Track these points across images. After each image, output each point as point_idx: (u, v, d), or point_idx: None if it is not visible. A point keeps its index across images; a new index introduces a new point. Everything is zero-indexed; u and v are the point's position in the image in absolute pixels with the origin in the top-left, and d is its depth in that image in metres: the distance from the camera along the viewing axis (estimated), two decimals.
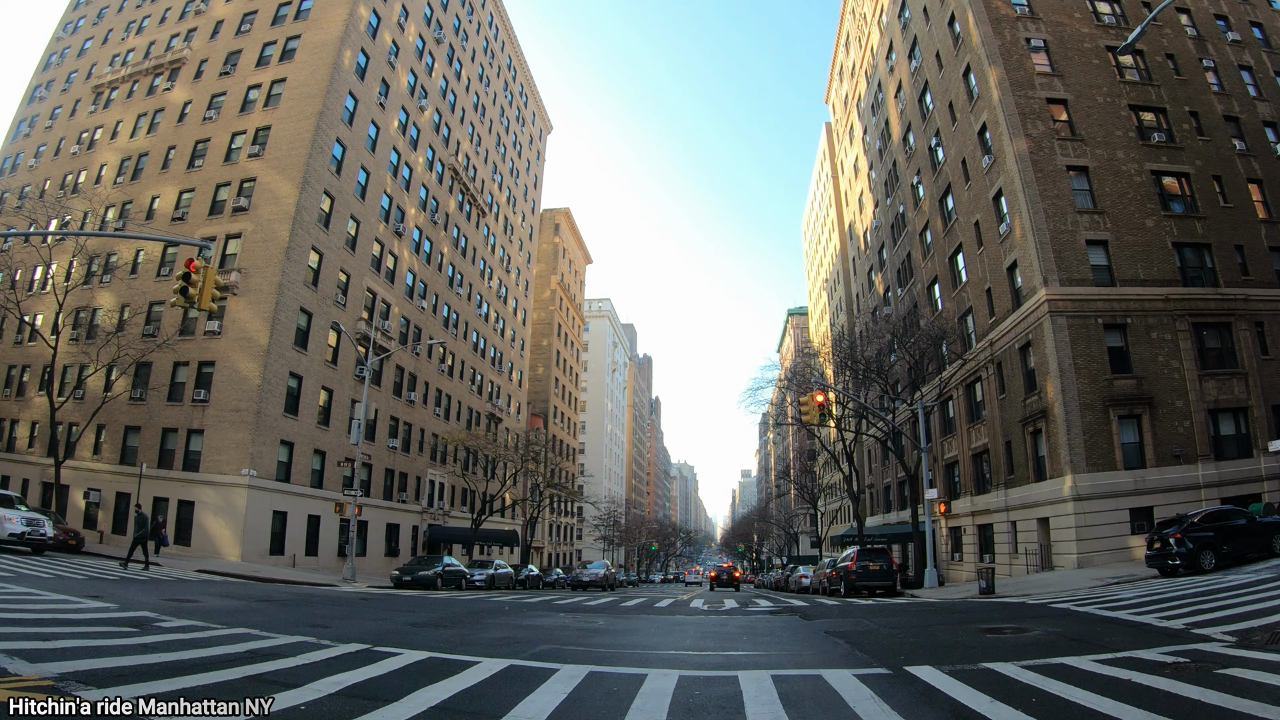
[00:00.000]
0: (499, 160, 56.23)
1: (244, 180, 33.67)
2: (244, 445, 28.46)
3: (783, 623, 11.09)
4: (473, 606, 14.61)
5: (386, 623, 10.58)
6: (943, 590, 20.43)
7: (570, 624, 10.71)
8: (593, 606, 15.30)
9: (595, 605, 15.74)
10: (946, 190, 33.95)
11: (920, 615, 12.12)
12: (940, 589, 20.71)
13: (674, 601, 18.31)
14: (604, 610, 14.22)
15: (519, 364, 59.61)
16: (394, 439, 37.71)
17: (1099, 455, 22.73)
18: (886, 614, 12.65)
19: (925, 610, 13.25)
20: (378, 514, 35.80)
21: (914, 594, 19.71)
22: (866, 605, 15.31)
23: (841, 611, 13.51)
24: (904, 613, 12.84)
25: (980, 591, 16.99)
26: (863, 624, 10.91)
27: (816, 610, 13.78)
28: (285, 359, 30.43)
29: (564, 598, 18.85)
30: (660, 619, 12.03)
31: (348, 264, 34.84)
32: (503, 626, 10.29)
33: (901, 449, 29.01)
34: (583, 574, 34.32)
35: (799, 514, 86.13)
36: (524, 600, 17.41)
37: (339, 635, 8.71)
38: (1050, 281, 24.54)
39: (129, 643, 6.90)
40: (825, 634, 9.28)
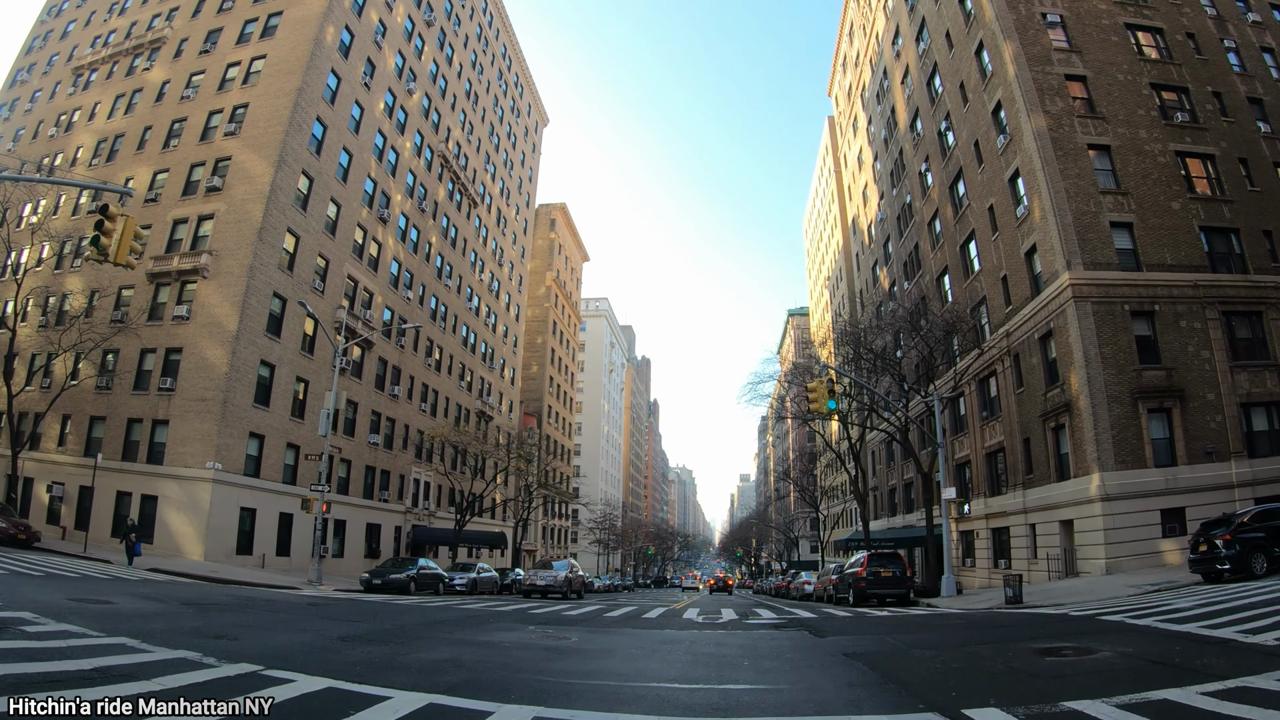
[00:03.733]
0: (492, 150, 54.55)
1: (219, 159, 32.05)
2: (210, 437, 26.68)
3: (790, 640, 9.28)
4: (432, 615, 12.81)
5: (311, 636, 8.79)
6: (962, 599, 18.59)
7: (536, 640, 8.91)
8: (572, 617, 13.48)
9: (576, 615, 13.91)
10: (957, 175, 32.27)
11: (951, 630, 10.32)
12: (959, 598, 18.90)
13: (666, 611, 16.37)
14: (584, 622, 12.41)
15: (512, 361, 57.82)
16: (375, 434, 35.89)
17: (1128, 452, 20.97)
18: (910, 628, 10.87)
19: (953, 624, 11.45)
20: (357, 513, 33.97)
21: (931, 603, 17.90)
22: (882, 617, 13.50)
23: (856, 625, 11.72)
24: (929, 627, 11.05)
25: (1007, 600, 15.19)
26: (886, 642, 9.13)
27: (828, 624, 11.96)
28: (256, 346, 28.65)
29: (544, 605, 17.03)
30: (646, 634, 10.18)
31: (327, 249, 33.09)
32: (452, 643, 8.50)
33: (913, 446, 27.18)
34: (536, 577, 24.34)
35: (799, 517, 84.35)
36: (498, 608, 15.61)
37: (234, 652, 6.93)
38: (1073, 265, 22.83)
39: None
40: (844, 656, 7.48)
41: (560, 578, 24.18)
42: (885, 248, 45.00)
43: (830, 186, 64.66)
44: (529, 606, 16.25)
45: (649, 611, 15.86)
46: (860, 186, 52.85)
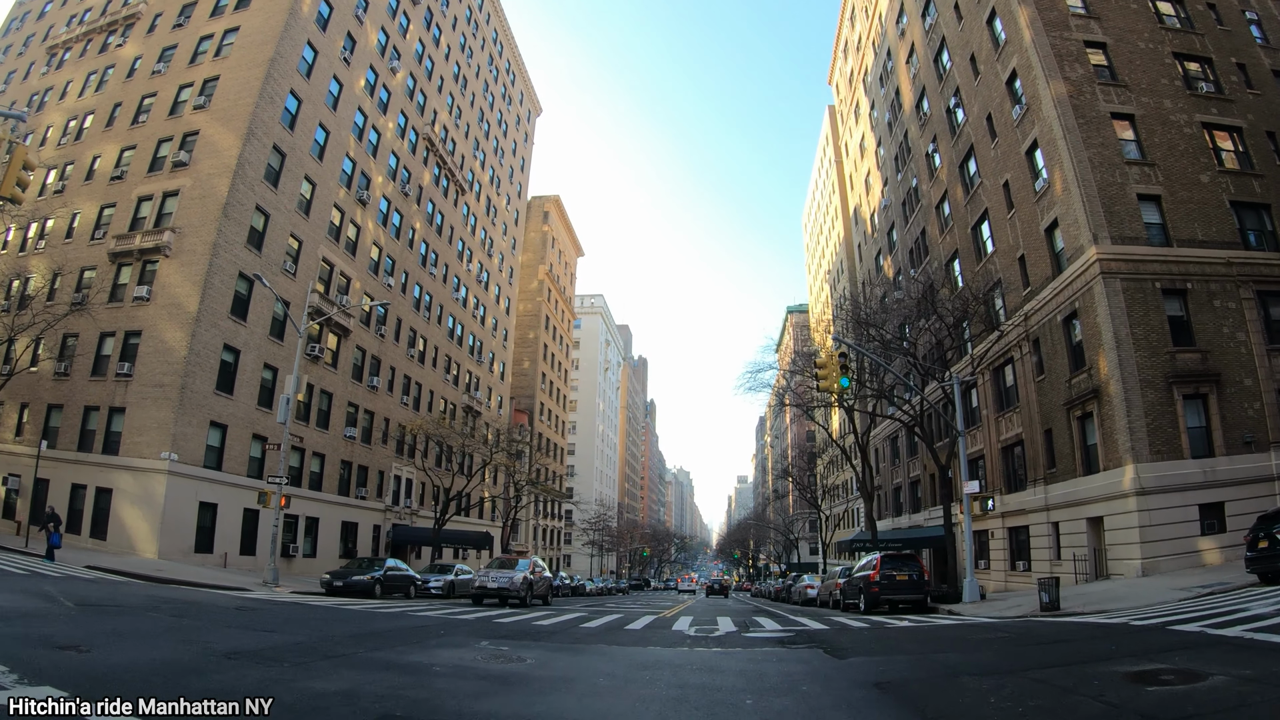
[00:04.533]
0: (481, 136, 52.67)
1: (187, 134, 30.25)
2: (166, 425, 24.75)
3: (803, 664, 7.30)
4: (371, 625, 10.88)
5: (193, 650, 6.87)
6: (987, 605, 16.60)
7: (478, 664, 6.97)
8: (543, 629, 11.47)
9: (547, 626, 11.91)
10: (968, 153, 30.48)
11: (999, 648, 8.36)
12: (983, 603, 16.92)
13: (654, 621, 14.33)
14: (553, 635, 10.46)
15: (501, 355, 55.87)
16: (352, 428, 33.93)
17: (1162, 441, 19.12)
18: (945, 644, 8.93)
19: (996, 638, 9.50)
20: (331, 511, 31.99)
21: (953, 610, 15.95)
22: (905, 629, 11.53)
23: (879, 640, 9.74)
24: (969, 643, 9.10)
25: (1042, 606, 13.29)
26: (924, 665, 7.22)
27: (844, 638, 9.96)
28: (219, 329, 26.72)
29: (515, 614, 15.03)
30: (624, 654, 8.21)
31: (300, 229, 31.17)
32: (367, 666, 6.58)
33: (929, 436, 25.21)
34: (488, 578, 19.31)
35: (799, 518, 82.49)
36: (459, 616, 13.66)
37: (61, 670, 5.05)
38: (1100, 239, 21.01)
39: None
40: (877, 689, 5.57)
41: (518, 580, 18.94)
42: (889, 235, 43.20)
43: (831, 177, 62.88)
44: (496, 615, 14.26)
45: (634, 621, 13.84)
46: (863, 175, 51.07)
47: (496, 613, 14.98)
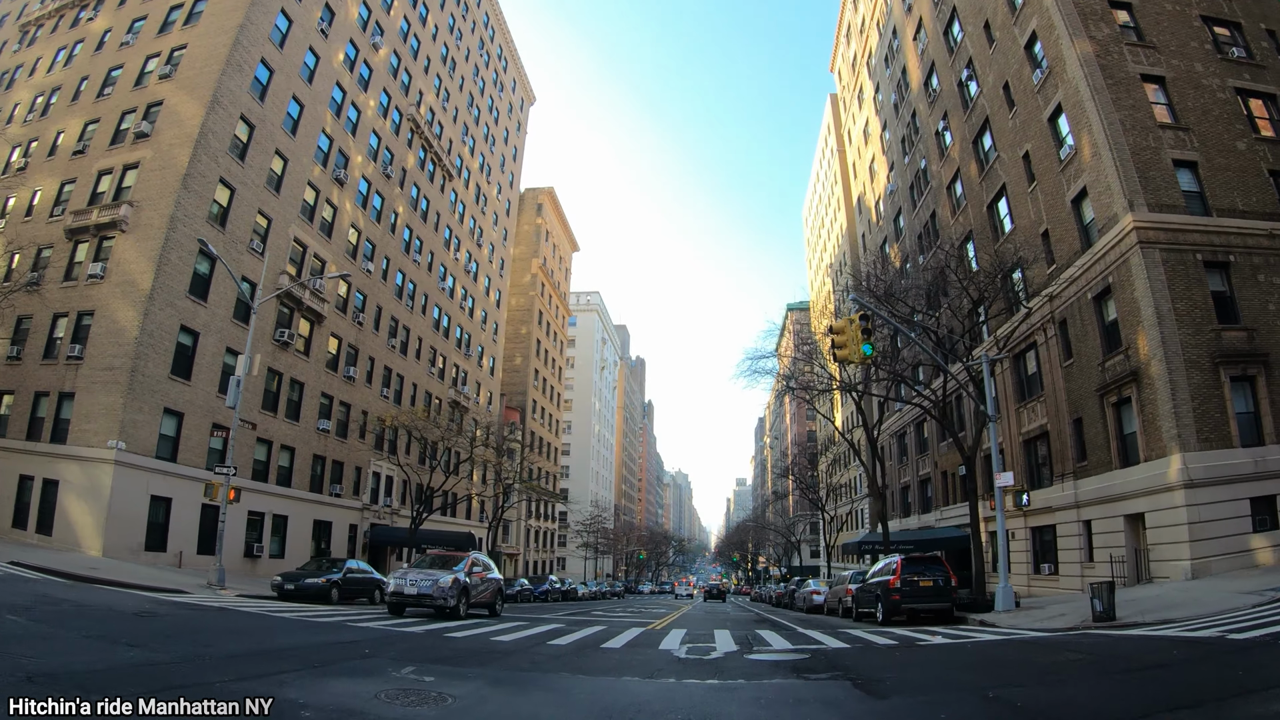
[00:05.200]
0: (471, 122, 50.70)
1: (150, 104, 28.35)
2: (115, 411, 22.72)
3: (834, 709, 5.17)
4: (273, 641, 8.84)
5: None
6: (1025, 614, 14.38)
7: (368, 707, 4.89)
8: (498, 648, 9.24)
9: (506, 644, 9.69)
10: (983, 126, 28.59)
11: (1082, 677, 6.23)
12: (1019, 612, 14.74)
13: (640, 635, 11.85)
14: (507, 656, 8.31)
15: (491, 350, 53.82)
16: (326, 420, 31.85)
17: (1210, 428, 17.14)
18: (1011, 672, 6.83)
19: (1067, 661, 7.39)
20: (302, 508, 29.89)
21: (986, 621, 13.79)
22: (943, 646, 9.38)
23: (920, 666, 7.54)
24: (1038, 670, 6.99)
25: (1095, 616, 11.27)
26: (999, 707, 5.19)
27: (874, 662, 7.80)
28: (176, 309, 24.70)
29: (475, 627, 12.91)
30: (587, 690, 6.02)
31: (270, 207, 29.16)
32: (202, 701, 4.52)
33: (953, 424, 23.07)
34: (405, 582, 14.75)
35: (800, 519, 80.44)
36: (406, 629, 11.49)
37: None
38: (1136, 206, 19.06)
39: None
40: None
41: (445, 584, 14.40)
42: (896, 222, 41.27)
43: (833, 167, 61.00)
44: (452, 628, 12.16)
45: (616, 636, 11.60)
46: (867, 161, 49.18)
47: (450, 625, 12.88)
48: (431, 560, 16.40)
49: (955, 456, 29.72)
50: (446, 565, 15.69)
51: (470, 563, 16.10)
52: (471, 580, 15.68)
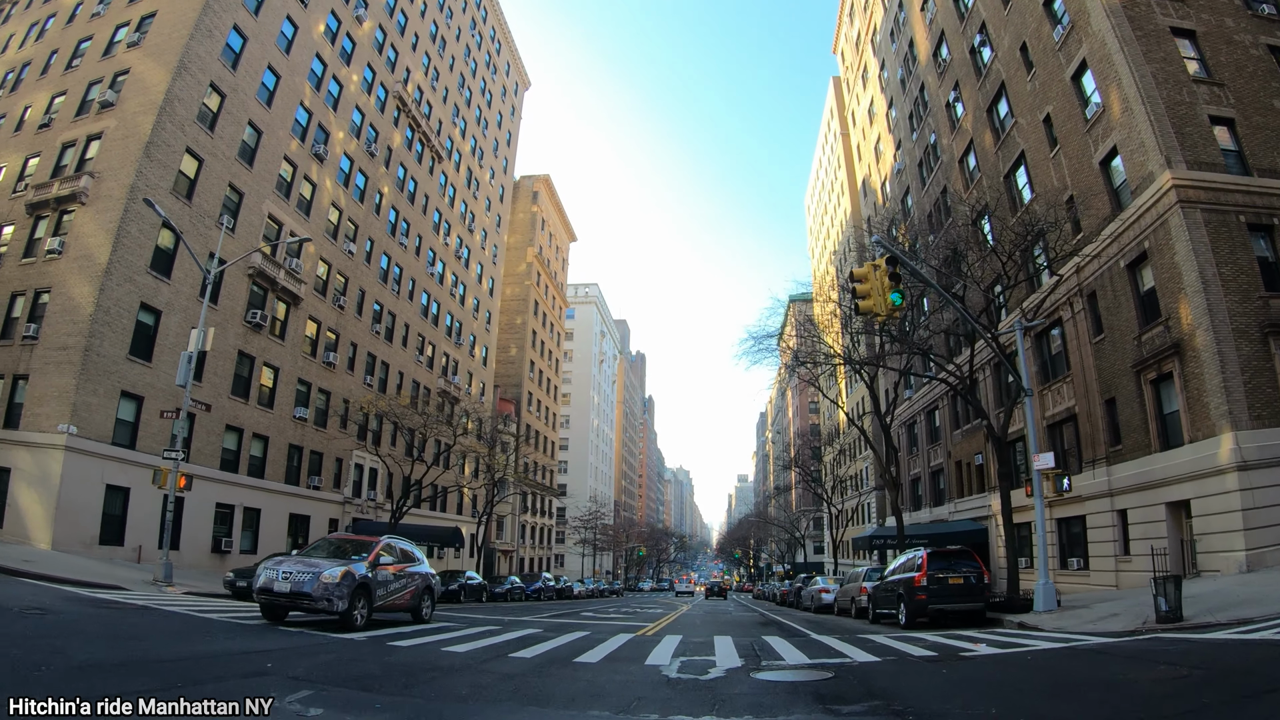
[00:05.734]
0: (462, 103, 48.96)
1: (117, 73, 26.75)
2: (67, 394, 21.07)
3: None
4: (151, 652, 7.15)
5: None
6: (1069, 615, 12.47)
7: None
8: (445, 660, 7.37)
9: (457, 655, 7.80)
10: (998, 93, 26.87)
11: (1211, 706, 4.54)
12: (1062, 612, 12.86)
13: (626, 644, 10.05)
14: (444, 677, 6.32)
15: (484, 339, 52.11)
16: (303, 408, 30.17)
17: (1263, 404, 15.41)
18: (1111, 705, 5.02)
19: (1167, 678, 5.58)
20: (276, 501, 28.22)
21: (1025, 623, 11.97)
22: (998, 659, 7.51)
23: (984, 693, 5.34)
24: (1142, 696, 5.17)
25: (1159, 616, 9.56)
26: None
27: (920, 685, 5.79)
28: (135, 285, 23.04)
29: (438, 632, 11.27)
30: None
31: (241, 180, 27.47)
32: None
33: (980, 404, 21.16)
34: (275, 575, 10.66)
35: (803, 514, 78.74)
36: (349, 636, 9.88)
37: None
38: (1174, 163, 17.34)
39: None
40: None
41: (329, 580, 10.22)
42: (904, 202, 39.52)
43: (836, 152, 59.22)
44: (406, 633, 10.40)
45: (596, 646, 9.52)
46: (872, 142, 47.41)
47: (406, 631, 11.15)
48: (330, 546, 12.27)
49: (971, 445, 27.96)
50: (346, 553, 11.61)
51: (379, 551, 11.78)
52: (378, 576, 11.30)
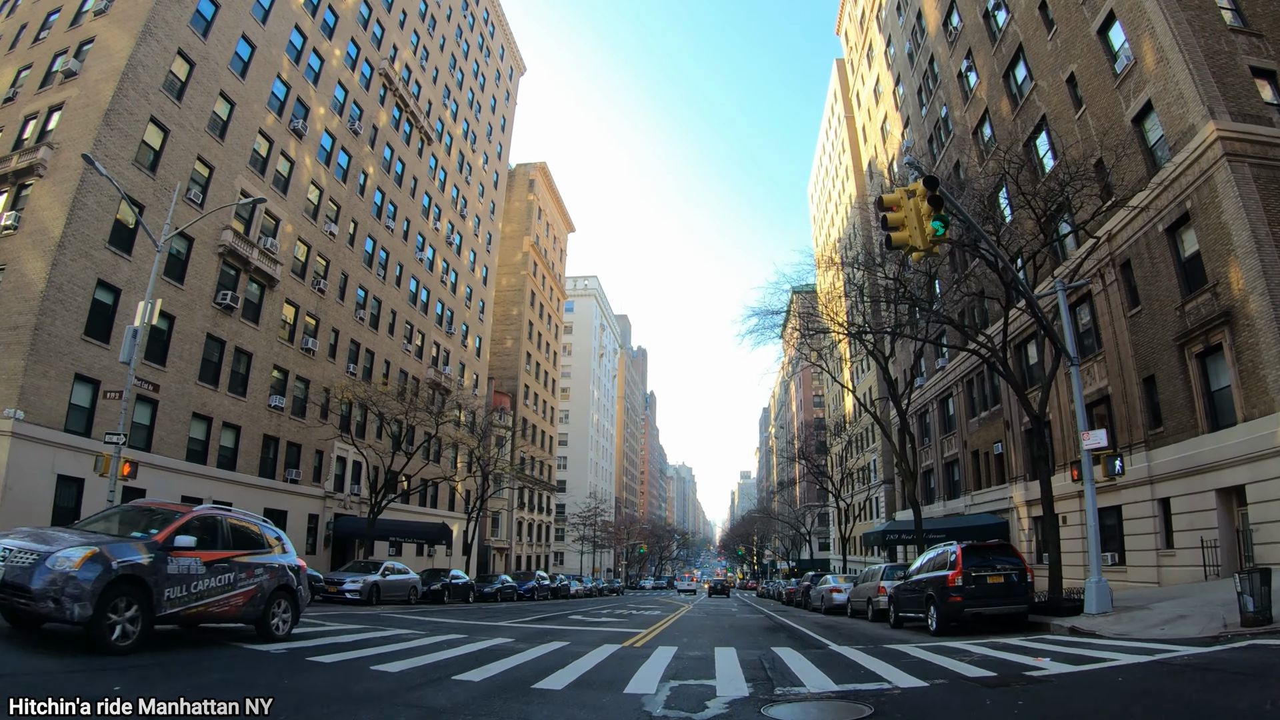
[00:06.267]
0: (453, 85, 47.29)
1: (83, 42, 25.16)
2: (15, 376, 19.49)
3: None
4: None
5: None
6: (1127, 618, 10.52)
7: None
8: (367, 687, 5.86)
9: (389, 677, 6.17)
10: (1015, 57, 25.21)
11: None
12: (1119, 615, 10.95)
13: (605, 661, 8.27)
14: (359, 706, 5.02)
15: (477, 329, 50.48)
16: (279, 396, 28.57)
17: None
18: None
19: None
20: (249, 495, 26.62)
21: (1078, 627, 10.23)
22: (1077, 680, 5.68)
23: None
24: None
25: (1246, 619, 7.90)
26: None
27: None
28: (92, 261, 21.47)
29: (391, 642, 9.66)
30: None
31: (212, 154, 25.85)
32: None
33: (1015, 378, 19.18)
34: None
35: (808, 510, 77.18)
36: (263, 647, 8.30)
37: None
38: (1218, 114, 15.65)
39: None
40: None
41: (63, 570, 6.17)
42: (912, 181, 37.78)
43: (841, 136, 57.47)
44: (315, 648, 8.87)
45: (569, 664, 7.64)
46: (878, 123, 45.68)
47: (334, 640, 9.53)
48: (123, 516, 8.24)
49: (989, 433, 26.25)
50: (138, 526, 7.73)
51: (177, 527, 7.53)
52: (169, 566, 7.14)
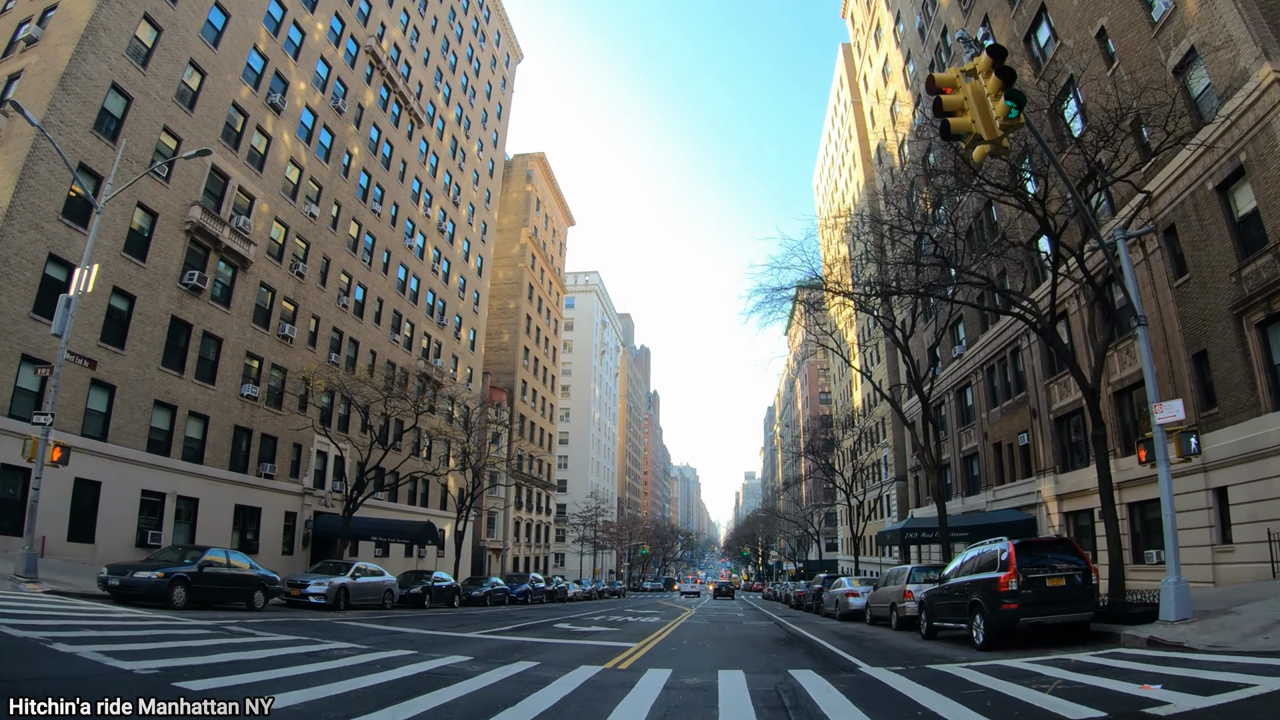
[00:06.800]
0: (445, 68, 45.70)
1: (47, 9, 23.60)
2: None
3: None
4: None
5: None
6: (1216, 625, 8.69)
7: None
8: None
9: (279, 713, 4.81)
10: (1036, 18, 23.51)
11: None
12: (1204, 622, 8.87)
13: (585, 686, 6.78)
14: None
15: (471, 321, 48.82)
16: (253, 385, 26.94)
17: None
18: None
19: None
20: (218, 491, 24.96)
21: (1157, 638, 8.51)
22: (1203, 717, 4.11)
23: None
24: None
25: None
26: None
27: None
28: (43, 234, 19.88)
29: (286, 663, 7.95)
30: None
31: (179, 124, 24.23)
32: None
33: (1060, 340, 16.95)
34: None
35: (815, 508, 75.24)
36: (125, 665, 6.59)
37: None
38: (1273, 55, 13.87)
39: None
40: None
41: None
42: (925, 163, 35.92)
43: (847, 122, 55.68)
44: (189, 668, 7.16)
45: (522, 701, 5.78)
46: (887, 104, 43.91)
47: (255, 639, 7.80)
48: None
49: (1013, 423, 24.39)
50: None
51: None
52: None
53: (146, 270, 22.67)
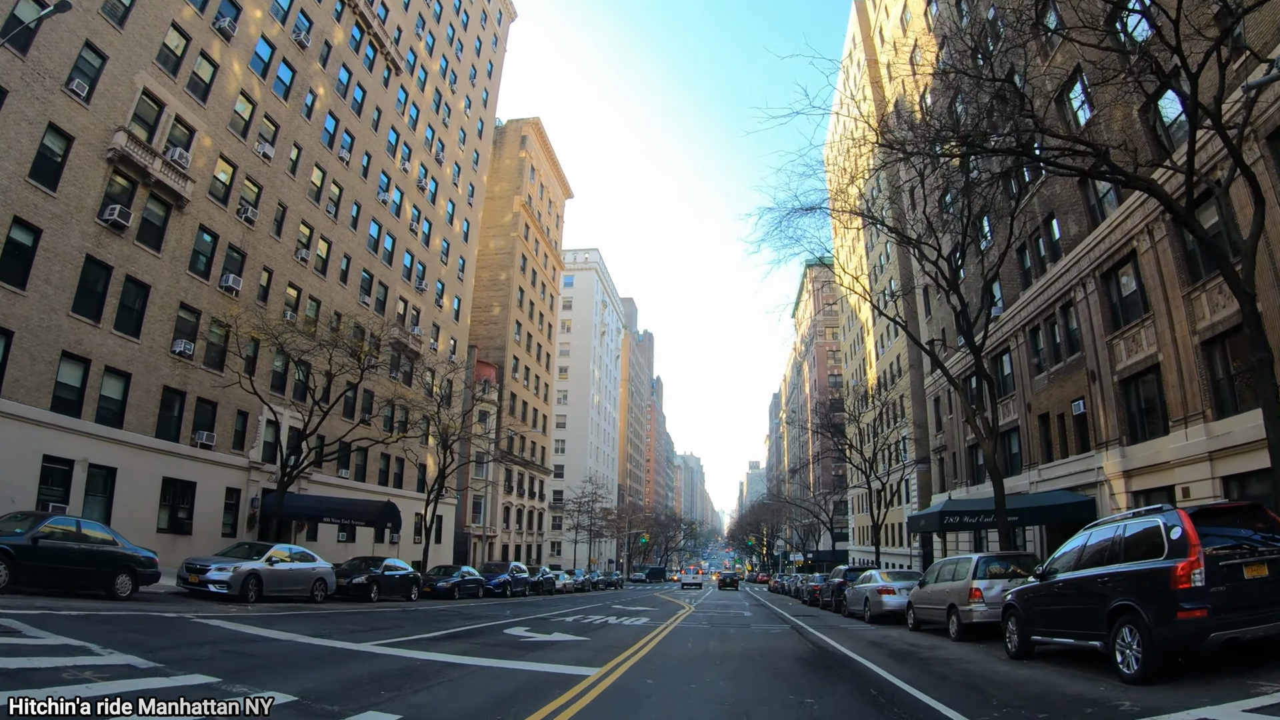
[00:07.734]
0: (429, 16, 42.20)
1: None
2: None
3: None
4: None
5: None
6: None
7: None
8: None
9: None
10: None
11: None
12: None
13: None
14: None
15: (455, 289, 45.54)
16: (186, 341, 23.77)
17: None
18: None
19: None
20: (141, 460, 21.80)
21: None
22: None
23: None
24: None
25: None
26: None
27: None
28: None
29: None
30: None
31: (107, 40, 20.85)
32: None
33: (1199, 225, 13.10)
34: None
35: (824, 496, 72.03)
36: None
37: None
38: None
39: None
40: None
41: None
42: (952, 110, 32.35)
43: (862, 84, 52.00)
44: None
45: None
46: (906, 55, 40.16)
47: None
48: None
49: (1065, 389, 20.89)
50: None
51: None
52: None
53: (57, 200, 19.43)
